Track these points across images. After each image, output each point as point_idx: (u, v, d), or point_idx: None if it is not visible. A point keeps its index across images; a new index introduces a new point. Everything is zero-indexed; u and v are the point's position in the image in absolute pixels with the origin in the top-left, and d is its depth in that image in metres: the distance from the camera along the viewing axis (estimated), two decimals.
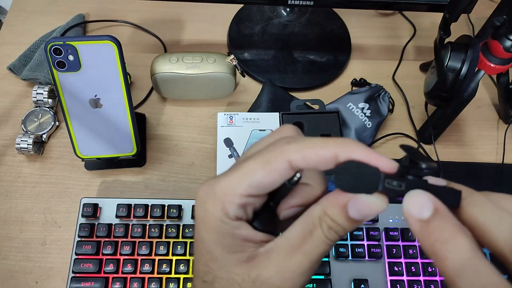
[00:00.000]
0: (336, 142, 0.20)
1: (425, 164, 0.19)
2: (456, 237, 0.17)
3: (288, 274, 0.20)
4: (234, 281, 0.21)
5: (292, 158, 0.20)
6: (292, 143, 0.21)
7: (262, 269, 0.20)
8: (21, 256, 0.49)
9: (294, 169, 0.20)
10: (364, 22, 0.71)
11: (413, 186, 0.19)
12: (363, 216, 0.19)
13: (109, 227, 0.47)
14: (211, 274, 0.21)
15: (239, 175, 0.21)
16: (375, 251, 0.47)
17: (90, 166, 0.54)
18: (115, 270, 0.45)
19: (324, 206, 0.20)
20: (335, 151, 0.20)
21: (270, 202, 0.23)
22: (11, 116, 0.58)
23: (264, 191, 0.21)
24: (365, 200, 0.19)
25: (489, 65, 0.49)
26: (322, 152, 0.20)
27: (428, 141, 0.59)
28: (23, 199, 0.52)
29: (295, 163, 0.20)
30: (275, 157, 0.20)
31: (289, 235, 0.21)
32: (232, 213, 0.21)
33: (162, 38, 0.67)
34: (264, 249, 0.21)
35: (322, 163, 0.20)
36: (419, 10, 0.58)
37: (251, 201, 0.21)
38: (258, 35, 0.67)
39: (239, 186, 0.21)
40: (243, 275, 0.21)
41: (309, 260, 0.20)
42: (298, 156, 0.20)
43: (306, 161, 0.20)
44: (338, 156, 0.20)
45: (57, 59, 0.43)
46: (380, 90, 0.58)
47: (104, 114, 0.48)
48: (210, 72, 0.55)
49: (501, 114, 0.62)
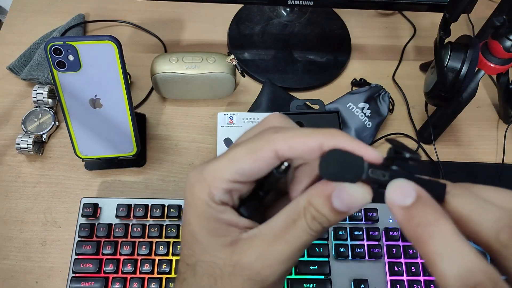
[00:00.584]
0: (322, 132, 0.20)
1: (409, 154, 0.19)
2: (439, 221, 0.17)
3: (269, 261, 0.20)
4: (216, 265, 0.21)
5: (278, 147, 0.20)
6: (279, 132, 0.21)
7: (243, 254, 0.21)
8: (21, 256, 0.49)
9: (280, 158, 0.21)
10: (364, 22, 0.71)
11: (397, 176, 0.19)
12: (347, 207, 0.19)
13: (109, 227, 0.47)
14: (194, 257, 0.22)
15: (226, 161, 0.21)
16: (375, 251, 0.47)
17: (90, 166, 0.54)
18: (115, 270, 0.45)
19: (309, 195, 0.20)
20: (321, 141, 0.20)
21: (259, 191, 0.23)
22: (11, 116, 0.58)
23: (250, 178, 0.21)
24: (349, 190, 0.19)
25: (489, 65, 0.49)
26: (308, 142, 0.20)
27: (428, 141, 0.59)
28: (23, 199, 0.52)
29: (281, 153, 0.20)
30: (262, 146, 0.21)
31: (273, 223, 0.21)
32: (217, 198, 0.21)
33: (162, 38, 0.67)
34: (248, 235, 0.21)
35: (308, 152, 0.20)
36: (419, 10, 0.58)
37: (237, 187, 0.22)
38: (258, 35, 0.67)
39: (226, 171, 0.21)
40: (225, 259, 0.21)
41: (290, 249, 0.20)
42: (284, 145, 0.20)
43: (292, 151, 0.20)
44: (323, 146, 0.20)
45: (57, 59, 0.43)
46: (380, 90, 0.58)
47: (104, 114, 0.48)
48: (210, 72, 0.55)
49: (501, 114, 0.62)
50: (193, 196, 0.22)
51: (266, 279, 0.20)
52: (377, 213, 0.48)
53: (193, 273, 0.22)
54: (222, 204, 0.22)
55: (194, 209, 0.22)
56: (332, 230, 0.48)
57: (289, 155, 0.21)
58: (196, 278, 0.22)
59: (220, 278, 0.21)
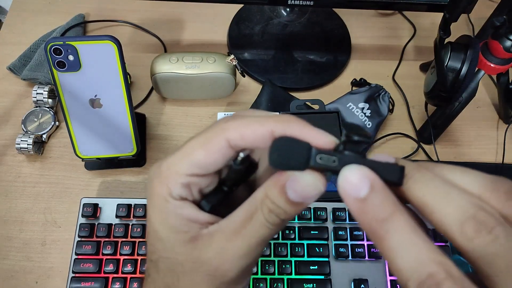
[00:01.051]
0: (272, 119, 0.20)
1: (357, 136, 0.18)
2: (394, 215, 0.17)
3: (227, 256, 0.20)
4: (177, 261, 0.21)
5: (230, 137, 0.20)
6: (231, 121, 0.20)
7: (203, 250, 0.20)
8: (21, 256, 0.49)
9: (234, 148, 0.20)
10: (364, 22, 0.71)
11: (348, 162, 0.18)
12: (302, 198, 0.19)
13: (109, 227, 0.47)
14: (156, 253, 0.22)
15: (181, 154, 0.21)
16: (375, 251, 0.47)
17: (90, 166, 0.54)
18: (115, 270, 0.45)
19: (265, 187, 0.20)
20: (271, 128, 0.19)
21: (223, 185, 0.23)
22: (11, 116, 0.58)
23: (206, 170, 0.21)
24: (300, 180, 0.18)
25: (489, 65, 0.49)
26: (259, 129, 0.19)
27: (428, 141, 0.59)
28: (23, 199, 0.52)
29: (234, 142, 0.20)
30: (214, 136, 0.20)
31: (233, 217, 0.21)
32: (175, 193, 0.21)
33: (162, 38, 0.67)
34: (208, 231, 0.21)
35: (260, 140, 0.20)
36: (419, 10, 0.57)
37: (195, 181, 0.21)
38: (258, 35, 0.67)
39: (181, 165, 0.21)
40: (186, 255, 0.21)
41: (249, 244, 0.20)
42: (236, 134, 0.20)
43: (244, 140, 0.20)
44: (275, 132, 0.19)
45: (57, 59, 0.43)
46: (380, 90, 0.58)
47: (104, 114, 0.48)
48: (210, 72, 0.54)
49: (501, 114, 0.62)
50: (152, 192, 0.21)
51: (225, 274, 0.20)
52: None
53: (157, 269, 0.22)
54: (181, 199, 0.21)
55: (153, 205, 0.21)
56: (332, 230, 0.48)
57: (242, 144, 0.20)
58: (159, 274, 0.22)
59: (182, 274, 0.21)
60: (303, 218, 0.48)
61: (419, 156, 0.58)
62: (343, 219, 0.48)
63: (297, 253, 0.46)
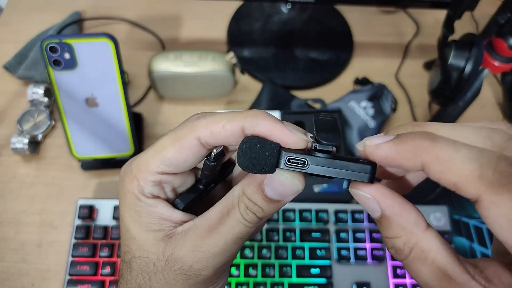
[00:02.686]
0: (242, 115, 0.19)
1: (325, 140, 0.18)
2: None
3: (201, 253, 0.20)
4: (149, 260, 0.20)
5: (201, 134, 0.19)
6: (201, 118, 0.20)
7: (176, 248, 0.20)
8: (17, 258, 0.48)
9: (205, 145, 0.20)
10: (367, 20, 0.70)
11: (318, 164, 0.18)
12: (280, 196, 0.19)
13: (105, 229, 0.46)
14: (130, 254, 0.21)
15: (152, 151, 0.21)
16: (378, 253, 0.46)
17: (86, 167, 0.53)
18: (112, 273, 0.45)
19: (243, 185, 0.20)
20: (241, 124, 0.19)
21: (198, 183, 0.22)
22: (6, 115, 0.57)
23: (178, 168, 0.21)
24: (279, 178, 0.18)
25: (493, 64, 0.49)
26: (228, 126, 0.19)
27: None
28: (19, 200, 0.51)
29: (204, 140, 0.20)
30: (185, 134, 0.20)
31: (209, 215, 0.20)
32: (147, 191, 0.21)
33: (160, 36, 0.66)
34: (182, 228, 0.20)
35: (231, 138, 0.19)
36: (423, 7, 0.57)
37: (166, 179, 0.21)
38: (258, 32, 0.66)
39: (151, 163, 0.20)
40: (158, 253, 0.20)
41: (224, 241, 0.19)
42: (206, 132, 0.19)
43: (214, 137, 0.19)
44: (245, 129, 0.19)
45: (53, 57, 0.42)
46: (382, 89, 0.58)
47: (100, 114, 0.47)
48: (209, 70, 0.54)
49: (506, 114, 0.62)
50: (124, 190, 0.21)
51: (199, 273, 0.20)
52: None
53: (129, 269, 0.21)
54: (153, 197, 0.21)
55: (125, 203, 0.21)
56: (334, 232, 0.47)
57: (212, 141, 0.20)
58: (132, 274, 0.21)
59: (154, 273, 0.20)
60: (304, 220, 0.47)
61: None
62: (345, 221, 0.47)
63: (298, 256, 0.45)
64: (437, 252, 0.17)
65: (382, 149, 0.17)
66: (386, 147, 0.17)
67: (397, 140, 0.17)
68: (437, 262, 0.16)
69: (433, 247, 0.17)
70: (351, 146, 0.55)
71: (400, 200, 0.18)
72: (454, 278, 0.16)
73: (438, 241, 0.17)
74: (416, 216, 0.17)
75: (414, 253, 0.17)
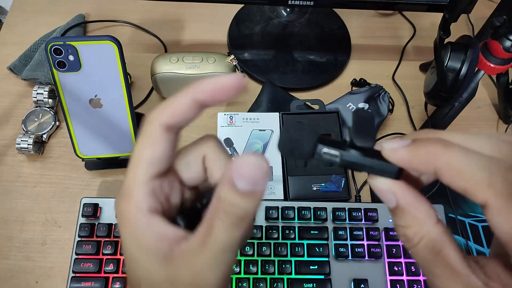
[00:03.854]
0: (189, 87, 0.21)
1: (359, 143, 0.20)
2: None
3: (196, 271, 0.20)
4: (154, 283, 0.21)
5: (161, 119, 0.21)
6: (157, 107, 0.21)
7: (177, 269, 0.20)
8: (21, 255, 0.49)
9: (170, 129, 0.21)
10: (364, 22, 0.71)
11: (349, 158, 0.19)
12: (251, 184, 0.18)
13: (109, 227, 0.47)
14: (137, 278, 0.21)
15: (133, 164, 0.21)
16: (375, 251, 0.47)
17: (90, 166, 0.54)
18: (115, 270, 0.45)
19: (217, 191, 0.19)
20: (192, 95, 0.20)
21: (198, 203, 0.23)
22: (11, 116, 0.58)
23: (161, 163, 0.21)
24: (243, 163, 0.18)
25: (488, 65, 0.49)
26: (181, 100, 0.21)
27: None
28: (24, 199, 0.52)
29: (167, 123, 0.21)
30: (149, 128, 0.21)
31: (198, 232, 0.20)
32: (144, 206, 0.21)
33: (162, 38, 0.67)
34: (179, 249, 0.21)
35: (189, 111, 0.21)
36: (419, 10, 0.57)
37: (157, 184, 0.21)
38: (258, 35, 0.67)
39: (138, 172, 0.21)
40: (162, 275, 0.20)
41: (215, 254, 0.19)
42: (165, 115, 0.21)
43: (174, 116, 0.21)
44: (197, 99, 0.20)
45: (58, 59, 0.43)
46: (380, 90, 0.58)
47: (104, 114, 0.48)
48: (210, 72, 0.55)
49: (501, 114, 0.62)
50: (121, 217, 0.21)
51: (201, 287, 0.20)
52: (377, 213, 0.48)
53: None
54: (150, 212, 0.21)
55: (124, 228, 0.21)
56: (332, 230, 0.48)
57: (175, 121, 0.21)
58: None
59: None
60: (303, 218, 0.48)
61: None
62: (343, 219, 0.48)
63: (297, 253, 0.46)
64: (444, 244, 0.18)
65: (399, 153, 0.19)
66: (402, 152, 0.19)
67: (412, 146, 0.19)
68: (443, 253, 0.18)
69: (442, 239, 0.18)
70: None
71: (414, 193, 0.19)
72: (457, 270, 0.17)
73: (447, 235, 0.18)
74: (428, 209, 0.19)
75: (423, 242, 0.18)
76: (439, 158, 0.17)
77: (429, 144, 0.18)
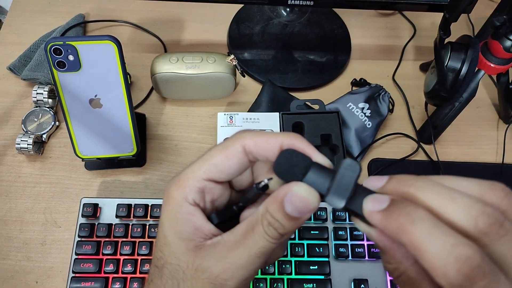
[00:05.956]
0: (282, 134, 0.23)
1: None
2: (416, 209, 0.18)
3: (227, 265, 0.21)
4: (179, 267, 0.22)
5: (246, 143, 0.23)
6: (248, 132, 0.23)
7: (205, 258, 0.22)
8: (21, 256, 0.49)
9: (247, 153, 0.23)
10: (364, 22, 0.71)
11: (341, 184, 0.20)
12: (298, 212, 0.20)
13: (109, 227, 0.47)
14: (163, 259, 0.23)
15: (200, 161, 0.23)
16: (375, 251, 0.47)
17: (90, 166, 0.54)
18: (115, 270, 0.45)
19: (266, 202, 0.22)
20: (281, 140, 0.22)
21: (234, 205, 0.24)
22: (11, 116, 0.58)
23: (223, 174, 0.23)
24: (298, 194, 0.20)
25: (489, 65, 0.49)
26: (271, 139, 0.22)
27: (428, 141, 0.59)
28: (23, 199, 0.52)
29: (248, 148, 0.23)
30: (232, 143, 0.23)
31: (236, 230, 0.22)
32: (190, 197, 0.23)
33: (162, 38, 0.67)
34: (211, 241, 0.22)
35: (270, 150, 0.22)
36: (419, 10, 0.57)
37: (210, 186, 0.23)
38: (258, 35, 0.67)
39: (199, 169, 0.23)
40: (188, 262, 0.22)
41: (248, 254, 0.21)
42: (251, 141, 0.23)
43: (257, 147, 0.22)
44: (283, 145, 0.22)
45: (57, 59, 0.43)
46: (380, 90, 0.58)
47: (104, 114, 0.48)
48: (210, 72, 0.55)
49: (501, 114, 0.62)
50: (168, 197, 0.23)
51: (225, 282, 0.21)
52: None
53: (160, 275, 0.23)
54: (194, 205, 0.23)
55: (167, 209, 0.23)
56: (332, 230, 0.48)
57: (255, 151, 0.22)
58: (162, 280, 0.23)
59: (183, 280, 0.22)
60: None
61: (419, 156, 0.58)
62: (343, 219, 0.48)
63: (297, 253, 0.46)
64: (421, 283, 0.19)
65: (374, 218, 0.19)
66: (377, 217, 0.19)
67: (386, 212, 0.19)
68: None
69: (419, 278, 0.19)
70: (349, 147, 0.55)
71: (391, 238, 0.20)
72: None
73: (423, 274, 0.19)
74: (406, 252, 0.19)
75: (402, 278, 0.20)
76: (404, 235, 0.18)
77: (399, 216, 0.18)
